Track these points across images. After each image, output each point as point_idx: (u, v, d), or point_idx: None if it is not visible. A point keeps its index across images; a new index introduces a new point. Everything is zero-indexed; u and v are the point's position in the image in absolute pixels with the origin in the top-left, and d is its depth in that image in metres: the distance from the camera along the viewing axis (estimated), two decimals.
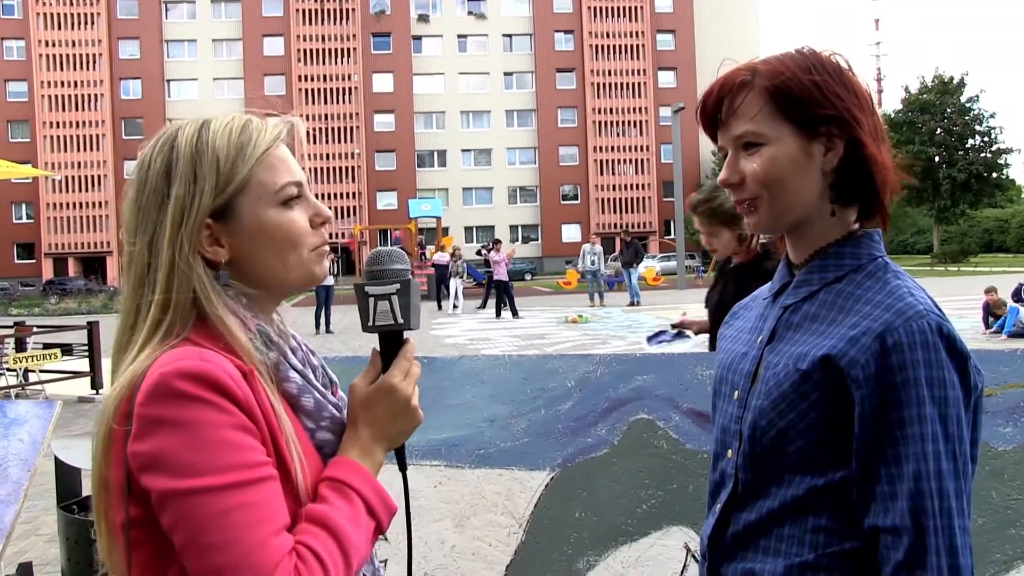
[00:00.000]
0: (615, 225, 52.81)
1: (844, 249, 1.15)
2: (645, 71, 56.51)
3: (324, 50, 54.52)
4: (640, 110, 56.40)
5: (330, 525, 0.94)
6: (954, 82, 46.34)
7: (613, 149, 56.45)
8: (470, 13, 57.78)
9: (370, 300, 1.06)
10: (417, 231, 31.11)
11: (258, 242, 1.02)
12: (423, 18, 57.16)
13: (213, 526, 0.87)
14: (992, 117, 46.24)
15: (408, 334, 1.09)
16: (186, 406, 0.89)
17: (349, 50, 54.75)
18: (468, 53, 57.83)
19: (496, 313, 19.10)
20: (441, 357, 2.30)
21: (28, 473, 2.66)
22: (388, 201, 55.50)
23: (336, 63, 54.63)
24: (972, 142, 46.13)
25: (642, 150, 56.46)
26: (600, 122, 56.44)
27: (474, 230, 55.36)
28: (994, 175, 45.97)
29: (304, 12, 54.56)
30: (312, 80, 54.34)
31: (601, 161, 56.49)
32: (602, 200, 56.16)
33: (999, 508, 1.86)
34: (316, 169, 51.68)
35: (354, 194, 54.12)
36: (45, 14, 52.45)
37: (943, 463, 1.00)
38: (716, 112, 1.17)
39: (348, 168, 53.96)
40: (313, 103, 53.70)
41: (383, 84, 56.04)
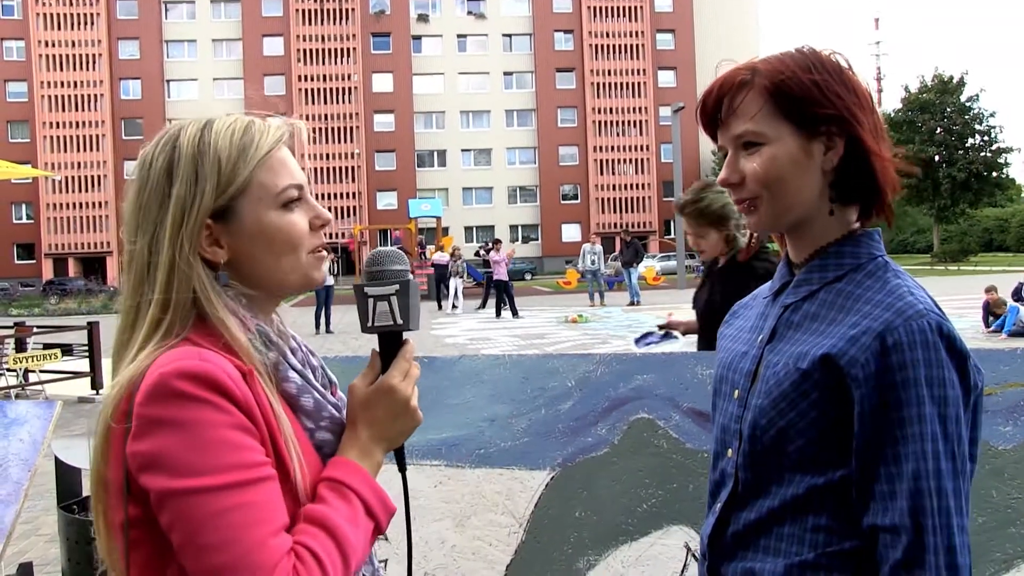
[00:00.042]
0: (615, 225, 52.82)
1: (844, 248, 1.15)
2: (645, 71, 56.50)
3: (324, 50, 54.52)
4: (640, 110, 56.40)
5: (328, 526, 0.94)
6: (954, 81, 46.32)
7: (613, 149, 56.44)
8: (470, 13, 57.78)
9: (369, 301, 1.06)
10: (417, 231, 31.11)
11: (258, 244, 1.02)
12: (423, 18, 57.15)
13: (211, 526, 0.87)
14: (992, 116, 46.24)
15: (408, 334, 1.09)
16: (185, 406, 0.89)
17: (349, 50, 54.75)
18: (468, 53, 57.82)
19: (496, 313, 19.10)
20: (441, 357, 2.30)
21: (28, 473, 2.66)
22: (388, 201, 55.50)
23: (336, 63, 54.62)
24: (972, 141, 46.12)
25: (642, 150, 56.45)
26: (600, 122, 56.44)
27: (474, 230, 55.36)
28: (994, 174, 45.95)
29: (304, 12, 54.55)
30: (312, 80, 54.33)
31: (601, 161, 56.49)
32: (602, 200, 56.16)
33: (999, 507, 1.86)
34: (316, 169, 51.66)
35: (354, 194, 54.12)
36: (45, 14, 52.45)
37: (942, 462, 1.00)
38: (716, 111, 1.17)
39: (348, 168, 53.96)
40: (313, 103, 53.70)
41: (383, 84, 56.03)
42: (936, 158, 44.38)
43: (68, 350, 10.65)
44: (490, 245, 21.14)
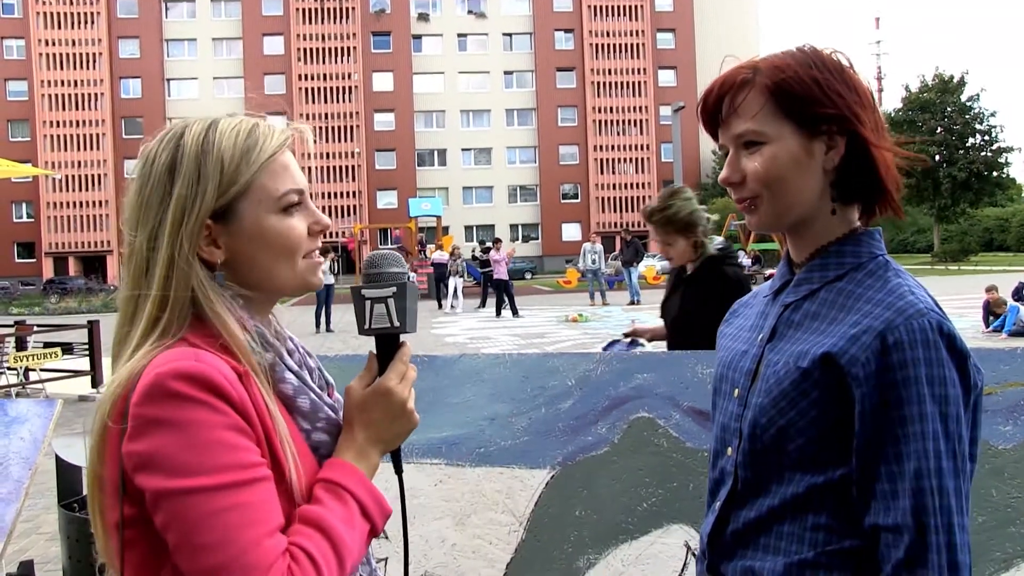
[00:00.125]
0: (615, 224, 52.80)
1: (845, 247, 1.15)
2: (645, 70, 56.48)
3: (324, 49, 54.50)
4: (640, 109, 56.38)
5: (324, 527, 0.94)
6: (954, 81, 46.30)
7: (613, 148, 56.42)
8: (470, 12, 57.75)
9: (366, 303, 1.06)
10: (417, 230, 31.10)
11: (256, 246, 1.02)
12: (423, 17, 57.13)
13: (206, 526, 0.87)
14: (992, 116, 46.21)
15: (406, 335, 1.09)
16: (181, 406, 0.89)
17: (349, 49, 54.73)
18: (468, 52, 57.80)
19: (496, 312, 19.11)
20: (441, 356, 2.30)
21: (29, 471, 2.66)
22: (388, 200, 55.48)
23: (336, 62, 54.61)
24: (972, 141, 46.11)
25: (642, 149, 56.44)
26: (600, 121, 56.42)
27: (474, 229, 55.34)
28: (994, 174, 45.93)
29: (304, 11, 54.53)
30: (312, 79, 54.31)
31: (601, 160, 56.48)
32: (602, 199, 56.16)
33: (999, 506, 1.86)
34: (316, 168, 51.68)
35: (354, 193, 54.12)
36: (45, 13, 52.44)
37: (943, 461, 1.00)
38: (717, 110, 1.17)
39: (348, 167, 53.96)
40: (313, 102, 53.70)
41: (383, 83, 56.01)
42: (936, 158, 44.36)
43: (68, 349, 10.64)
44: (488, 245, 21.13)
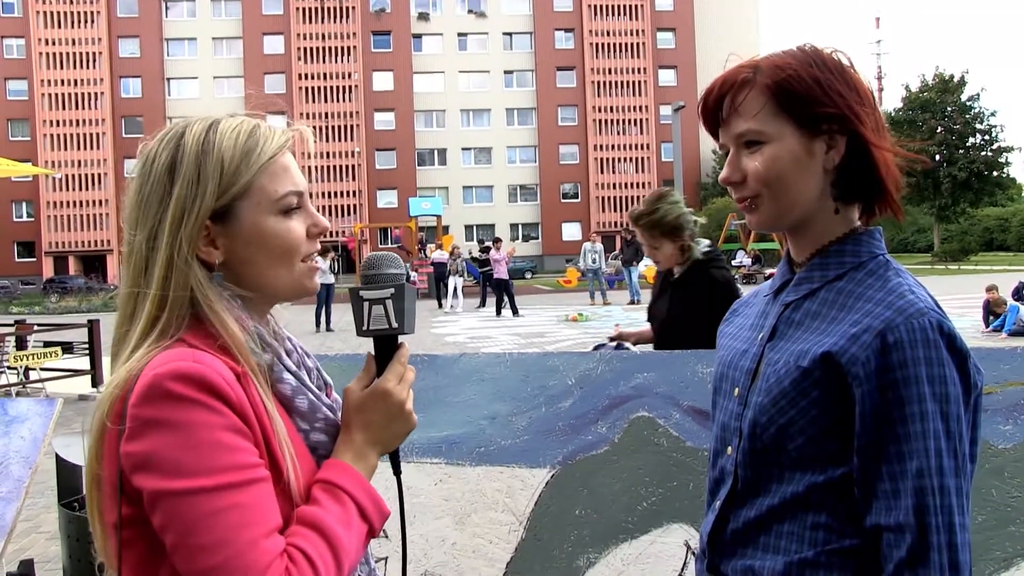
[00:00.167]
0: (615, 223, 52.77)
1: (845, 247, 1.15)
2: (645, 69, 56.46)
3: (324, 48, 54.48)
4: (640, 108, 56.36)
5: (322, 527, 0.94)
6: (955, 80, 46.30)
7: (613, 147, 56.41)
8: (470, 11, 57.74)
9: (365, 304, 1.06)
10: (417, 229, 31.10)
11: (254, 248, 1.02)
12: (423, 16, 57.11)
13: (204, 527, 0.87)
14: (993, 115, 46.26)
15: (405, 336, 1.09)
16: (179, 407, 0.89)
17: (349, 48, 54.72)
18: (468, 51, 57.78)
19: (496, 311, 19.11)
20: (442, 355, 2.30)
21: (29, 470, 2.66)
22: (388, 199, 55.48)
23: (336, 61, 54.59)
24: (973, 140, 46.11)
25: (642, 148, 56.42)
26: (600, 120, 56.40)
27: (474, 228, 55.34)
28: (995, 173, 45.94)
29: (304, 10, 54.52)
30: (312, 78, 54.29)
31: (601, 159, 56.46)
32: (602, 198, 56.15)
33: (999, 506, 1.86)
34: (316, 167, 51.69)
35: (354, 192, 54.11)
36: (45, 12, 52.42)
37: (945, 460, 1.00)
38: (717, 110, 1.17)
39: (348, 166, 53.95)
40: (313, 101, 53.69)
41: (383, 82, 56.00)
42: (937, 157, 44.36)
43: (68, 348, 10.63)
44: (488, 244, 21.13)
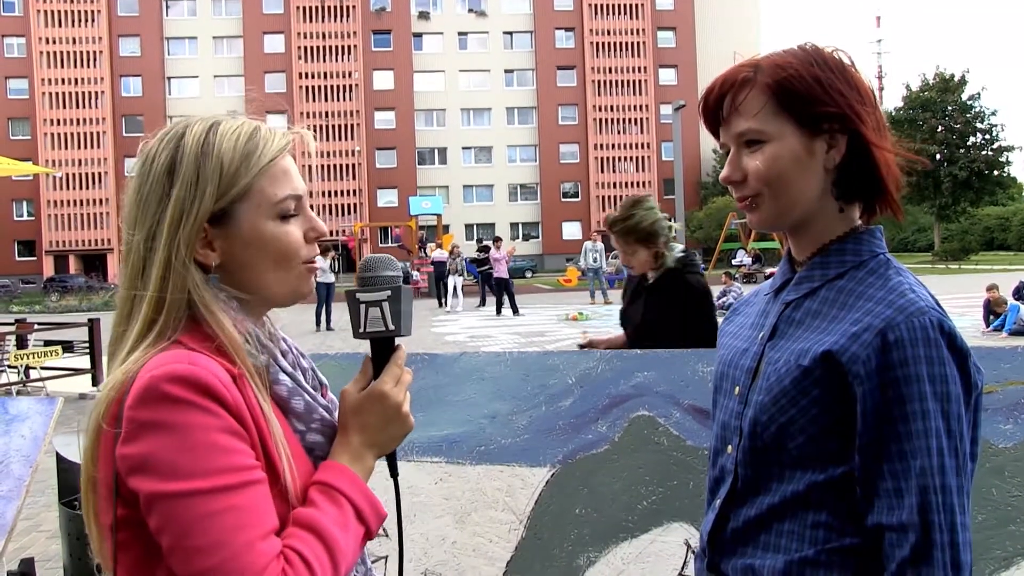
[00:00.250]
0: None
1: (846, 246, 1.15)
2: (646, 68, 56.45)
3: (324, 47, 54.47)
4: (641, 107, 56.35)
5: (318, 529, 0.94)
6: (955, 80, 46.27)
7: (614, 147, 56.39)
8: (471, 10, 57.72)
9: (361, 307, 1.06)
10: (418, 228, 31.10)
11: (251, 251, 1.02)
12: (424, 15, 57.09)
13: (200, 529, 0.87)
14: (993, 115, 46.21)
15: (402, 338, 1.09)
16: (175, 409, 0.89)
17: (350, 47, 54.70)
18: (469, 50, 57.76)
19: (497, 310, 19.12)
20: (442, 354, 2.30)
21: (30, 469, 2.66)
22: (388, 198, 55.48)
23: (337, 60, 54.57)
24: (973, 140, 46.09)
25: (643, 147, 56.41)
26: (601, 119, 56.39)
27: (475, 227, 55.35)
28: (995, 173, 45.93)
29: (304, 9, 54.51)
30: (312, 77, 54.28)
31: (602, 158, 56.45)
32: (603, 198, 56.11)
33: (999, 505, 1.86)
34: (316, 166, 51.72)
35: (354, 191, 54.10)
36: (45, 11, 52.42)
37: (946, 459, 1.00)
38: (718, 109, 1.17)
39: (348, 165, 53.94)
40: (313, 100, 53.68)
41: (384, 81, 55.98)
42: (937, 156, 44.35)
43: (69, 347, 10.63)
44: (487, 243, 21.13)
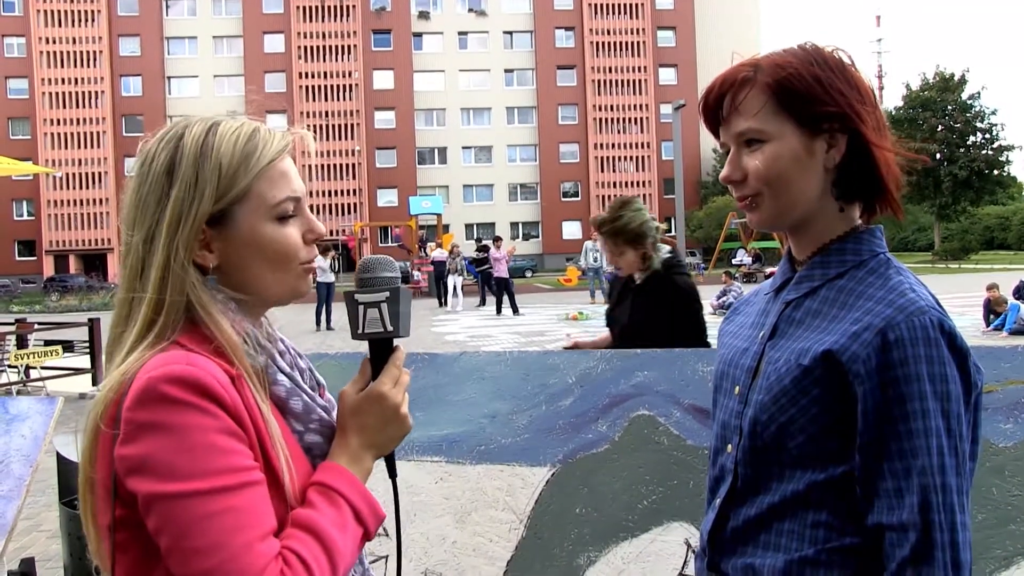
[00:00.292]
0: None
1: (846, 245, 1.15)
2: (646, 68, 56.44)
3: (325, 47, 54.46)
4: (641, 107, 56.35)
5: (317, 530, 0.94)
6: (955, 79, 46.26)
7: (614, 146, 56.39)
8: (471, 10, 57.71)
9: (360, 308, 1.06)
10: (418, 228, 31.09)
11: (249, 253, 1.02)
12: (424, 15, 57.08)
13: (199, 530, 0.87)
14: (994, 114, 46.23)
15: (400, 339, 1.09)
16: (173, 410, 0.89)
17: (350, 47, 54.70)
18: (469, 50, 57.75)
19: (497, 310, 19.12)
20: (442, 354, 2.30)
21: (30, 469, 2.66)
22: (389, 198, 55.48)
23: (337, 60, 54.57)
24: (973, 139, 46.08)
25: (643, 147, 56.41)
26: (601, 119, 56.39)
27: (475, 227, 55.33)
28: (995, 172, 45.93)
29: (304, 9, 54.50)
30: (313, 77, 54.27)
31: (602, 158, 56.46)
32: (603, 197, 56.03)
33: (1000, 504, 1.86)
34: (316, 166, 51.70)
35: (354, 191, 54.10)
36: (45, 11, 52.42)
37: (946, 458, 1.00)
38: (718, 108, 1.17)
39: (348, 165, 53.94)
40: (313, 100, 53.68)
41: (384, 81, 55.98)
42: (937, 156, 44.34)
43: (69, 346, 10.63)
44: (486, 243, 21.13)
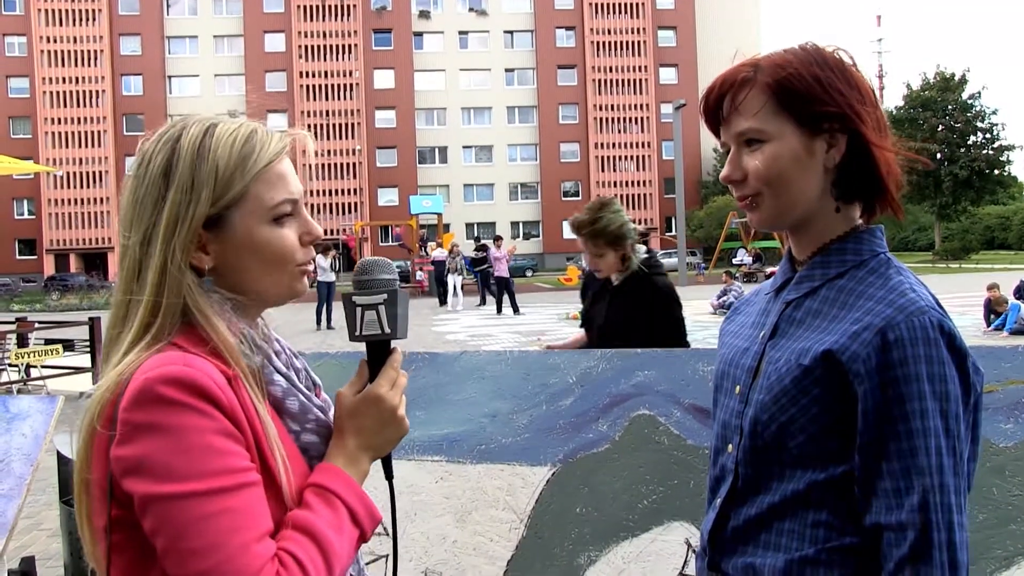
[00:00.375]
0: None
1: (846, 245, 1.15)
2: (646, 67, 56.43)
3: (325, 46, 54.46)
4: (641, 107, 56.34)
5: (313, 532, 0.94)
6: (956, 79, 46.24)
7: (614, 146, 56.39)
8: (471, 9, 57.71)
9: (357, 310, 1.06)
10: (418, 227, 31.10)
11: (245, 255, 1.02)
12: (424, 14, 57.08)
13: (195, 531, 0.87)
14: (994, 114, 46.26)
15: (403, 337, 1.09)
16: (170, 411, 0.89)
17: (350, 46, 54.70)
18: (469, 49, 57.75)
19: (497, 309, 19.13)
20: (443, 353, 2.30)
21: (30, 468, 2.66)
22: (389, 197, 55.48)
23: (337, 59, 54.57)
24: (974, 139, 46.08)
25: (643, 147, 56.41)
26: (601, 118, 56.39)
27: (475, 226, 55.35)
28: (996, 172, 45.93)
29: (305, 8, 54.50)
30: (313, 76, 54.28)
31: (602, 157, 56.45)
32: None
33: (1000, 504, 1.86)
34: (317, 165, 51.70)
35: (355, 190, 54.11)
36: (46, 10, 52.43)
37: (944, 458, 1.00)
38: (718, 108, 1.17)
39: (349, 164, 53.95)
40: (314, 99, 53.69)
41: (384, 80, 55.98)
42: (938, 156, 44.33)
43: (70, 346, 10.64)
44: (485, 243, 21.14)
